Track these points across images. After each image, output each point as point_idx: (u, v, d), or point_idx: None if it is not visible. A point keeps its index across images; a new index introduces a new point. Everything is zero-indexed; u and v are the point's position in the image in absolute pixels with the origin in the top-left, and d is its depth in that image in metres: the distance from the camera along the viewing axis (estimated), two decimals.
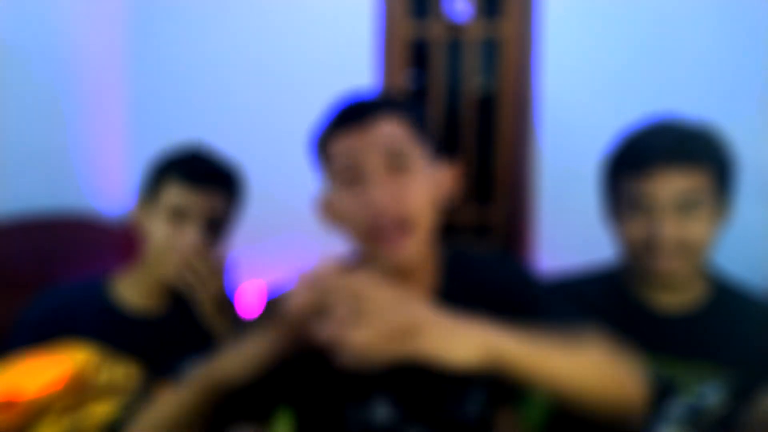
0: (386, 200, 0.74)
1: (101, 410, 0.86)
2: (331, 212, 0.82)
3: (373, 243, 0.76)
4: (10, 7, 1.90)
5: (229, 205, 1.08)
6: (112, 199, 2.27)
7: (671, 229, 0.92)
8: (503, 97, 2.42)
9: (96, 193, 2.21)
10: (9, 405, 0.82)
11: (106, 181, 2.27)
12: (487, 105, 2.46)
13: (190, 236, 1.01)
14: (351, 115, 0.77)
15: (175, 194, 1.02)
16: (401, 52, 2.40)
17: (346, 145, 0.76)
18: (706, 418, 0.98)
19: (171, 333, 1.06)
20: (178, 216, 1.02)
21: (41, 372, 0.86)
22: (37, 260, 1.84)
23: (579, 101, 2.22)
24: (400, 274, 0.77)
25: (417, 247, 0.77)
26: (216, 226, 1.05)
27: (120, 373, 0.92)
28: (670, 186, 0.91)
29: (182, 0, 2.33)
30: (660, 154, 0.92)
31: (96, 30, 2.24)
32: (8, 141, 1.91)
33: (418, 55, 2.44)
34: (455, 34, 2.43)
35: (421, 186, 0.77)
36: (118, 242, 2.05)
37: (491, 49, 2.42)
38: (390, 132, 0.76)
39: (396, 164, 0.76)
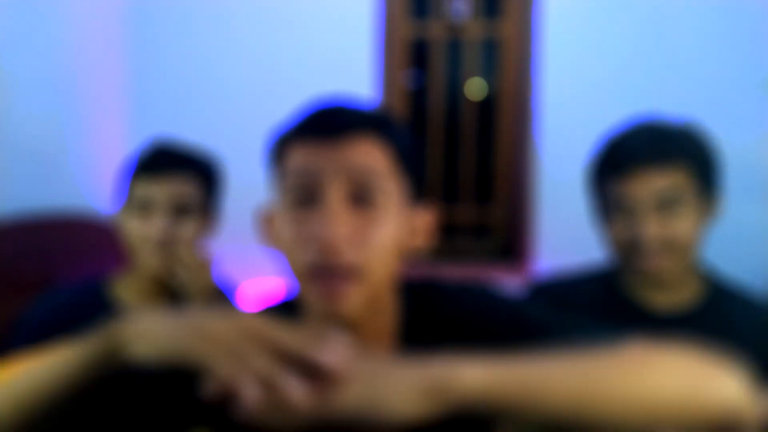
0: (341, 239, 0.59)
1: None
2: (270, 232, 0.68)
3: (310, 284, 0.61)
4: (9, 8, 1.90)
5: (196, 188, 1.07)
6: (111, 199, 2.27)
7: (654, 228, 0.93)
8: (503, 97, 2.42)
9: (95, 193, 2.21)
10: None
11: (106, 182, 2.27)
12: (487, 105, 2.46)
13: (155, 224, 1.02)
14: (322, 124, 0.63)
15: (140, 189, 1.05)
16: (401, 52, 2.40)
17: (307, 159, 0.62)
18: None
19: None
20: (144, 208, 1.04)
21: None
22: (37, 260, 1.85)
23: (579, 101, 2.22)
24: (343, 326, 0.62)
25: (363, 299, 0.61)
26: (185, 210, 1.06)
27: None
28: (648, 186, 0.92)
29: (183, 2, 2.33)
30: (636, 155, 0.93)
31: (95, 30, 2.24)
32: (8, 141, 1.92)
33: (418, 55, 2.44)
34: (455, 34, 2.43)
35: (387, 229, 0.61)
36: (118, 242, 2.05)
37: (491, 49, 2.43)
38: (365, 156, 0.61)
39: (363, 197, 0.61)
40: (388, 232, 0.62)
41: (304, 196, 0.61)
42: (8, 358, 0.95)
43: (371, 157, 0.61)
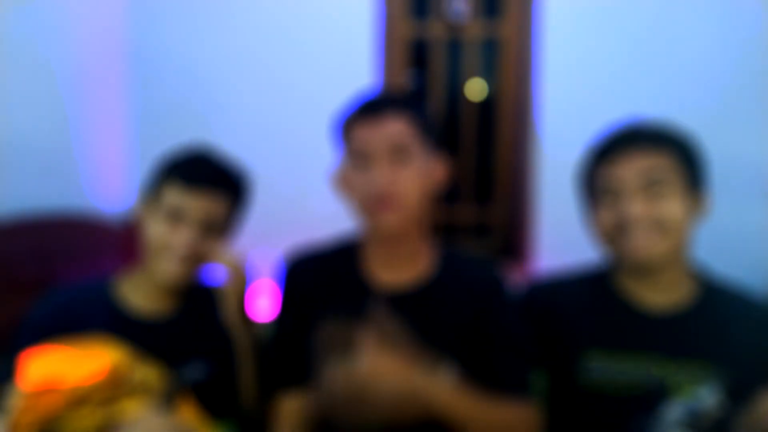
0: (384, 182, 0.93)
1: (132, 408, 0.87)
2: (343, 183, 1.01)
3: (369, 211, 0.95)
4: (12, 11, 1.90)
5: (228, 207, 1.07)
6: (112, 198, 2.27)
7: (640, 206, 0.95)
8: (503, 97, 2.42)
9: (97, 193, 2.22)
10: (51, 391, 0.83)
11: (107, 181, 2.27)
12: (487, 105, 2.46)
13: (183, 237, 1.01)
14: (367, 110, 0.96)
15: (173, 195, 1.03)
16: (401, 52, 2.40)
17: (361, 134, 0.95)
18: (704, 420, 0.98)
19: (175, 336, 1.06)
20: (174, 217, 1.02)
21: (83, 362, 0.87)
22: (37, 260, 1.85)
23: (579, 101, 2.23)
24: (391, 243, 0.98)
25: (402, 219, 0.95)
26: (214, 228, 1.05)
27: (152, 374, 0.93)
28: (633, 166, 0.96)
29: (183, 2, 2.34)
30: (622, 140, 0.99)
31: (98, 31, 2.25)
32: (10, 141, 1.92)
33: (418, 55, 2.44)
34: (455, 34, 2.43)
35: (414, 173, 0.94)
36: (118, 242, 2.05)
37: (491, 49, 2.43)
38: (396, 129, 0.94)
39: (397, 155, 0.94)
40: (415, 174, 0.94)
41: (362, 158, 0.95)
42: (14, 358, 0.95)
43: (400, 128, 0.94)
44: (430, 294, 0.99)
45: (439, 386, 0.88)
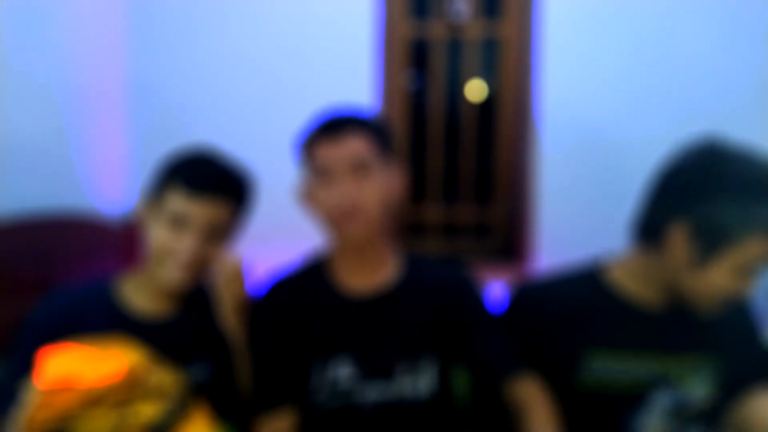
0: (347, 196, 0.99)
1: (147, 411, 0.87)
2: (307, 198, 1.06)
3: (335, 224, 1.01)
4: (12, 11, 1.90)
5: (232, 212, 1.06)
6: (112, 199, 2.27)
7: None
8: (503, 97, 2.42)
9: (96, 193, 2.22)
10: (66, 390, 0.83)
11: (107, 181, 2.27)
12: (487, 105, 2.46)
13: (187, 244, 1.01)
14: (328, 129, 1.02)
15: (177, 201, 1.01)
16: (401, 52, 2.40)
17: (323, 152, 1.01)
18: (690, 410, 0.99)
19: (178, 337, 1.06)
20: (178, 223, 1.01)
21: (100, 363, 0.87)
22: (36, 260, 1.85)
23: (579, 101, 2.23)
24: (358, 252, 1.05)
25: (366, 229, 1.01)
26: (218, 233, 1.04)
27: (168, 378, 0.93)
28: None
29: (183, 2, 2.34)
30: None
31: (96, 30, 2.25)
32: (9, 141, 1.91)
33: (418, 55, 2.44)
34: (455, 34, 2.43)
35: (375, 186, 1.00)
36: (118, 242, 2.05)
37: (491, 49, 2.43)
38: (356, 146, 1.00)
39: (358, 170, 1.00)
40: (375, 186, 1.00)
41: (325, 174, 1.00)
42: (17, 359, 0.95)
43: (359, 145, 1.00)
44: (397, 296, 1.06)
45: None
